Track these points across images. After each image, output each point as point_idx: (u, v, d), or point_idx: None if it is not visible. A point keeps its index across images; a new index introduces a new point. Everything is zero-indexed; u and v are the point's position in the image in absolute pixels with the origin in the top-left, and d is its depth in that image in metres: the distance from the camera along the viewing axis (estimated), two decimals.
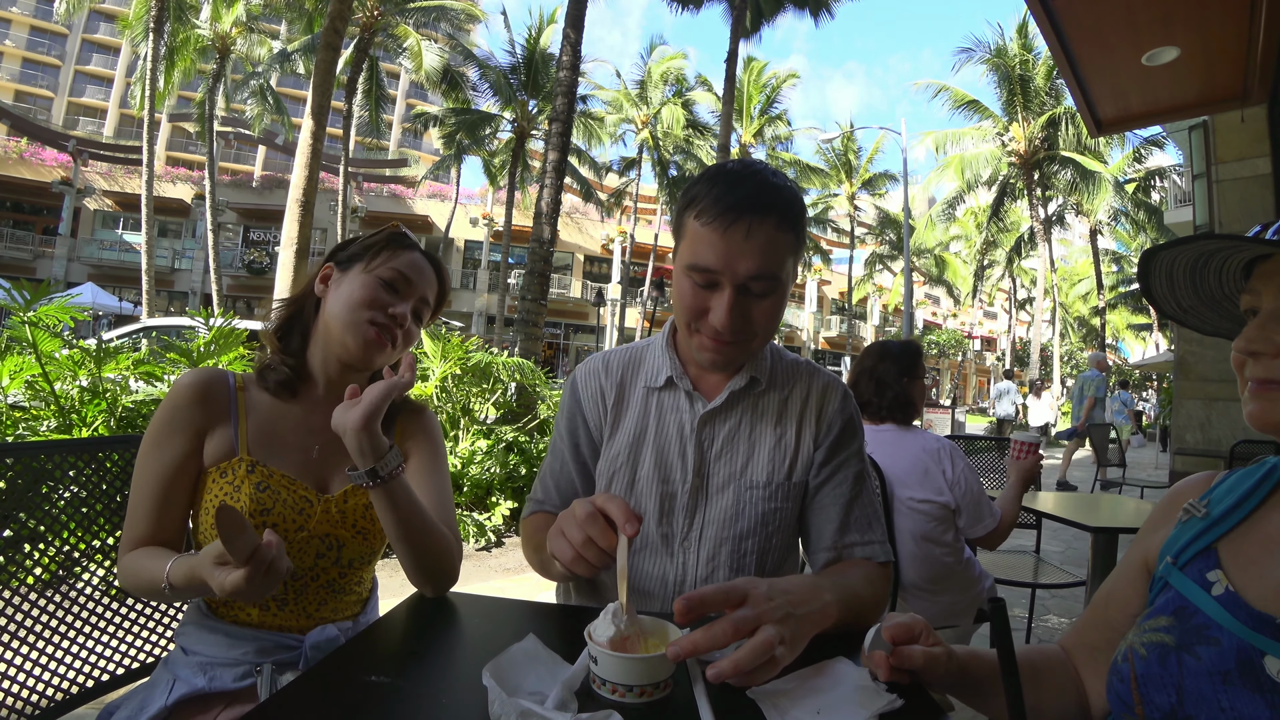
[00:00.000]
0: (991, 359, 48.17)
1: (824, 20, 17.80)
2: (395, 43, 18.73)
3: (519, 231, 24.66)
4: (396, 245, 1.06)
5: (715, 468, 1.00)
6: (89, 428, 2.99)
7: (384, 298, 1.02)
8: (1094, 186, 19.43)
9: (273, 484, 0.95)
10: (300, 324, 1.05)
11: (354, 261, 1.05)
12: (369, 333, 1.00)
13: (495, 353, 5.40)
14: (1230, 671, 0.56)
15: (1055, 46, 3.38)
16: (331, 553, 0.99)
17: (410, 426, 1.09)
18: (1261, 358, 0.62)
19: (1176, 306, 0.74)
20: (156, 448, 0.94)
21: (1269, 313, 0.62)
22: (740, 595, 0.67)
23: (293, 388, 1.03)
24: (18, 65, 39.28)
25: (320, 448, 1.02)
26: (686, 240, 0.91)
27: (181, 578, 0.82)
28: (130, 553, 0.92)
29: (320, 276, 1.06)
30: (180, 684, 0.89)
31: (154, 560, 0.87)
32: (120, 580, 0.93)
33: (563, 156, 7.94)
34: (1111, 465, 6.72)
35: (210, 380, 0.98)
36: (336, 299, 1.02)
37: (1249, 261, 0.65)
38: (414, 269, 1.06)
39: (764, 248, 0.86)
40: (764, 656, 0.63)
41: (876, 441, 2.00)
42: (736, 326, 0.90)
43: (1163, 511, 0.74)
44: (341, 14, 7.63)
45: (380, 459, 0.87)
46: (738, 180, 0.88)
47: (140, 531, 0.93)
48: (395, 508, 0.90)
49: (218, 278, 18.83)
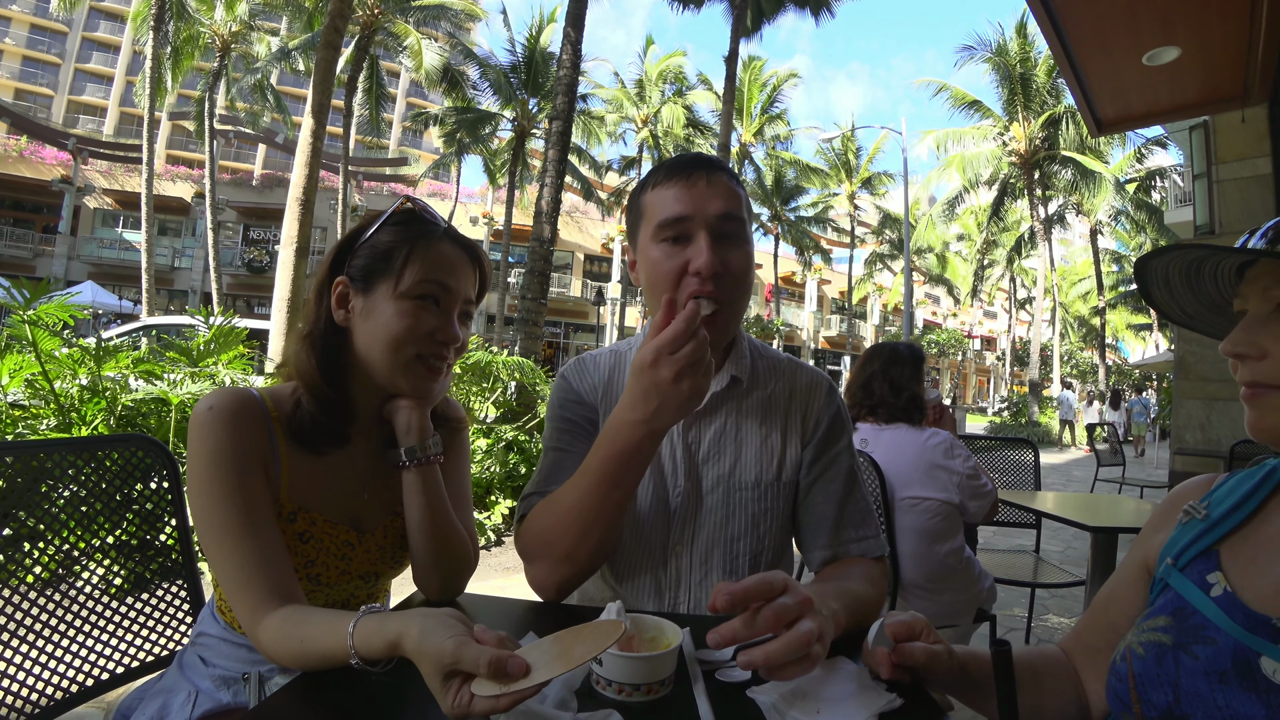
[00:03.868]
0: (991, 358, 48.17)
1: (825, 20, 17.75)
2: (395, 41, 18.70)
3: (519, 230, 24.64)
4: (420, 240, 0.90)
5: (704, 470, 0.99)
6: (89, 426, 2.99)
7: (427, 323, 0.88)
8: (1094, 186, 19.41)
9: (315, 532, 0.88)
10: (329, 358, 0.90)
11: (376, 278, 0.89)
12: (421, 371, 0.89)
13: (495, 352, 5.40)
14: (1226, 671, 0.56)
15: (1056, 46, 3.38)
16: (368, 584, 0.96)
17: (447, 430, 1.03)
18: (1247, 360, 0.63)
19: (1181, 312, 0.74)
20: (238, 480, 0.80)
21: (1253, 316, 0.63)
22: (781, 584, 0.64)
23: (340, 439, 0.91)
24: (18, 63, 39.23)
25: (370, 489, 0.94)
26: (648, 213, 0.95)
27: (381, 647, 0.63)
28: (269, 618, 0.74)
29: (336, 298, 0.90)
30: (204, 698, 0.87)
31: (311, 631, 0.70)
32: (266, 656, 0.75)
33: (563, 155, 7.93)
34: (1113, 465, 6.92)
35: (251, 405, 0.86)
36: (371, 335, 0.88)
37: (1241, 266, 0.66)
38: (449, 268, 0.90)
39: (727, 192, 0.92)
40: (800, 651, 0.60)
41: (878, 441, 2.00)
42: (717, 270, 0.89)
43: (1162, 514, 0.75)
44: (342, 12, 7.61)
45: (424, 440, 0.90)
46: (683, 154, 0.97)
47: (263, 590, 0.76)
48: (426, 493, 0.90)
49: (218, 276, 18.83)
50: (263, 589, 0.76)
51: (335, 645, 0.66)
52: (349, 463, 0.93)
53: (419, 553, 0.92)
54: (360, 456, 0.94)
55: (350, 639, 0.64)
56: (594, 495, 0.82)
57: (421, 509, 0.90)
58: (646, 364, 0.75)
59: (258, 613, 0.75)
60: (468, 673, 0.55)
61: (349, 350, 0.90)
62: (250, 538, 0.78)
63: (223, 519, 0.79)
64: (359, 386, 0.92)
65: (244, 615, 0.76)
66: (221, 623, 0.92)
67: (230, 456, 0.81)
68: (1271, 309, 0.62)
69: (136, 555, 1.11)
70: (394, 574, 1.00)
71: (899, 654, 0.67)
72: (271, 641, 0.73)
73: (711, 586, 0.99)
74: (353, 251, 0.91)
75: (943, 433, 1.99)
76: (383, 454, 0.94)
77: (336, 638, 0.66)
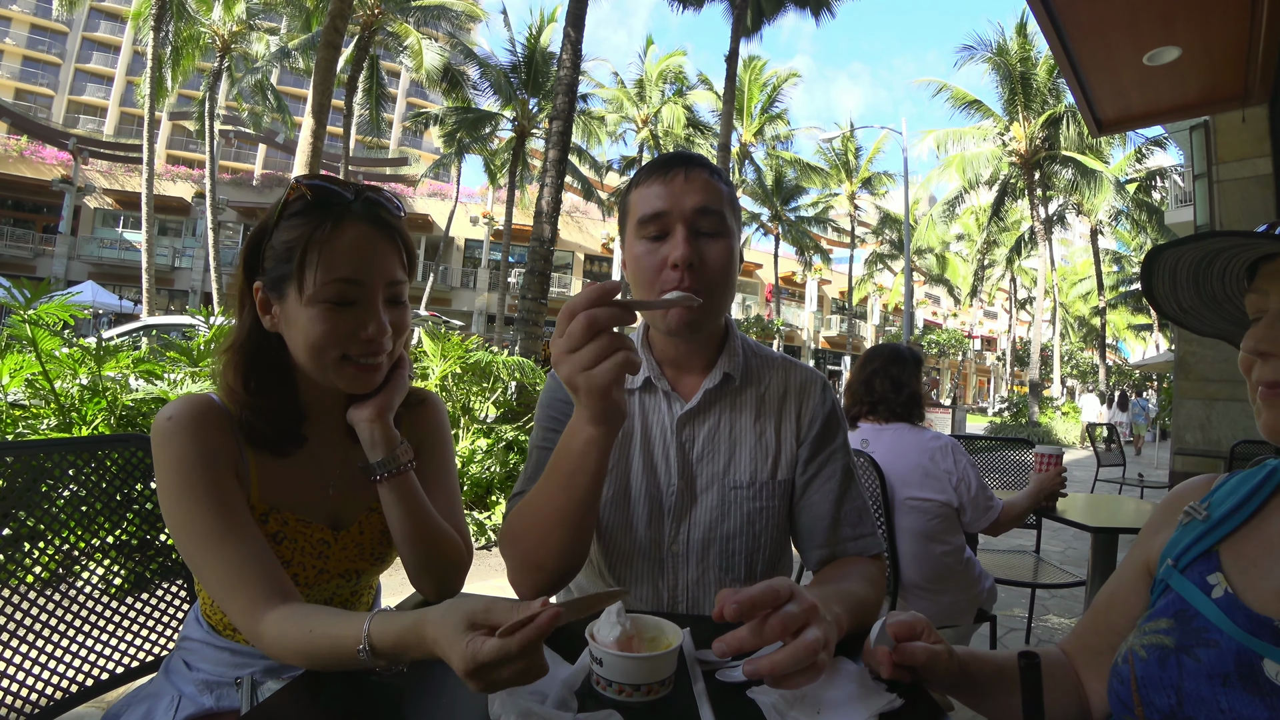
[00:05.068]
0: (992, 359, 48.17)
1: (825, 20, 17.78)
2: (396, 41, 18.71)
3: (519, 230, 24.64)
4: (318, 232, 0.80)
5: (699, 469, 0.99)
6: (89, 426, 2.99)
7: (344, 324, 0.81)
8: (1095, 186, 19.40)
9: (288, 532, 0.86)
10: (267, 363, 0.86)
11: (284, 284, 0.82)
12: (351, 371, 0.84)
13: (495, 352, 5.39)
14: (1229, 674, 0.56)
15: (1056, 46, 3.38)
16: (350, 583, 0.94)
17: (418, 419, 1.01)
18: (1271, 359, 0.61)
19: (1177, 307, 0.73)
20: (211, 484, 0.78)
21: (1276, 312, 0.62)
22: (787, 591, 0.63)
23: (294, 439, 0.88)
24: (18, 63, 39.25)
25: (335, 485, 0.92)
26: (632, 207, 0.96)
27: (391, 642, 0.62)
28: (269, 616, 0.72)
29: (258, 304, 0.85)
30: (186, 702, 0.86)
31: (321, 621, 0.69)
32: (271, 653, 0.73)
33: (563, 155, 7.93)
34: (1113, 465, 6.96)
35: (212, 410, 0.83)
36: (295, 342, 0.83)
37: (1253, 263, 0.64)
38: (357, 259, 0.81)
39: (704, 187, 0.93)
40: (807, 660, 0.60)
41: (879, 441, 2.00)
42: (693, 262, 0.90)
43: (1163, 514, 0.74)
44: (342, 12, 7.63)
45: (391, 451, 0.87)
46: (664, 154, 0.99)
47: (257, 588, 0.74)
48: (404, 503, 0.88)
49: (218, 276, 18.82)
50: (257, 587, 0.74)
51: (347, 632, 0.65)
52: (313, 461, 0.91)
53: (409, 559, 0.91)
54: (323, 454, 0.92)
55: (367, 624, 0.63)
56: (549, 498, 0.82)
57: (402, 519, 0.88)
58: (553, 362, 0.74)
59: (256, 611, 0.73)
60: (494, 625, 0.55)
61: (287, 351, 0.86)
62: (234, 539, 0.77)
63: (202, 524, 0.77)
64: (307, 385, 0.89)
65: (239, 615, 0.74)
66: (205, 626, 0.91)
67: (198, 462, 0.79)
68: None
69: (136, 555, 1.11)
70: (377, 571, 0.98)
71: (900, 653, 0.67)
72: (277, 635, 0.71)
73: (709, 586, 0.99)
74: (260, 253, 0.84)
75: (944, 435, 2.00)
76: (359, 462, 0.91)
77: (350, 625, 0.65)
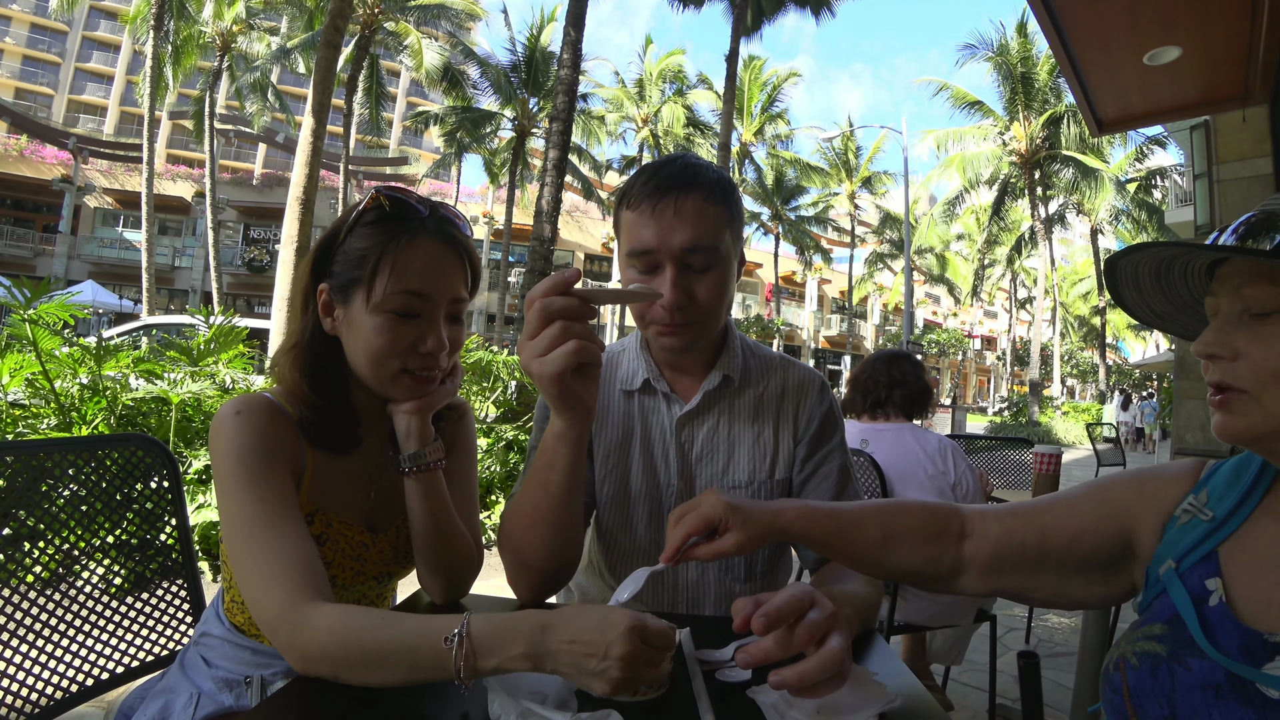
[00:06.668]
0: (992, 358, 48.18)
1: (825, 19, 17.80)
2: (396, 40, 18.70)
3: (519, 230, 24.65)
4: (392, 243, 0.83)
5: (698, 469, 0.99)
6: (89, 426, 2.99)
7: (407, 336, 0.84)
8: (1095, 185, 19.40)
9: (330, 534, 0.87)
10: (322, 368, 0.88)
11: (351, 288, 0.84)
12: (408, 382, 0.86)
13: (495, 351, 5.40)
14: (1221, 685, 0.56)
15: (1056, 46, 3.38)
16: (381, 585, 0.96)
17: (452, 428, 1.02)
18: (1219, 361, 0.62)
19: (1151, 313, 0.73)
20: (267, 474, 0.78)
21: (1225, 316, 0.62)
22: (809, 599, 0.62)
23: (353, 441, 0.90)
24: (18, 62, 39.23)
25: (376, 489, 0.94)
26: (623, 232, 0.94)
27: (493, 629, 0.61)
28: (314, 610, 0.68)
29: (323, 306, 0.87)
30: (206, 700, 0.86)
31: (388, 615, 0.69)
32: (305, 648, 0.67)
33: (563, 155, 7.93)
34: (1114, 465, 7.00)
35: (276, 410, 0.84)
36: (354, 349, 0.86)
37: (1212, 264, 0.65)
38: (428, 272, 0.84)
39: (695, 220, 0.89)
40: (834, 669, 0.58)
41: (879, 441, 2.00)
42: (683, 303, 0.89)
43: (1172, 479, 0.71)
44: (342, 11, 7.61)
45: (424, 446, 0.89)
46: (660, 165, 0.92)
47: (301, 579, 0.71)
48: (427, 500, 0.89)
49: (218, 275, 18.85)
50: (299, 580, 0.71)
51: (431, 620, 0.63)
52: (359, 464, 0.93)
53: (423, 557, 0.92)
54: (369, 456, 0.94)
55: (465, 624, 0.61)
56: (529, 495, 0.84)
57: (424, 515, 0.90)
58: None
59: (295, 603, 0.69)
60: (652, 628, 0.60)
61: (344, 355, 0.89)
62: (285, 528, 0.75)
63: (254, 511, 0.75)
64: (359, 389, 0.91)
65: (274, 608, 0.70)
66: (227, 623, 0.91)
67: (261, 453, 0.79)
68: (1243, 308, 0.60)
69: (136, 555, 1.11)
70: (405, 574, 1.00)
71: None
72: (326, 624, 0.66)
73: (709, 586, 0.99)
74: (330, 256, 0.87)
75: (944, 437, 2.01)
76: (390, 456, 0.94)
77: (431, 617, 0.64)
